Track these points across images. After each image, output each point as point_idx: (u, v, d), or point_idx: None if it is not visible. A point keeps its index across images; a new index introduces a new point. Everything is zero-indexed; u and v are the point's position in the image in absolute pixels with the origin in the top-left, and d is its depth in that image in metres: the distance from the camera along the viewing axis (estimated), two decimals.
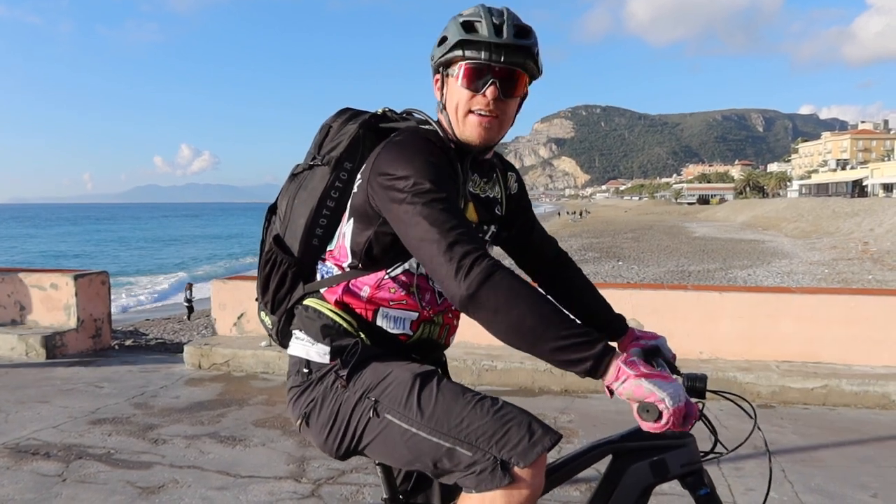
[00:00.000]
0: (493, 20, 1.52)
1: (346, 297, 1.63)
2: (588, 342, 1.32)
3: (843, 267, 27.44)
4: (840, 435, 4.23)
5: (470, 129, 1.57)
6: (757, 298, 5.41)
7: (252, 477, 3.54)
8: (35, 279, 6.68)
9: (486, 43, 1.51)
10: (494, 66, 1.52)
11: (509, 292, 1.33)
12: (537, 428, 1.44)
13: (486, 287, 1.33)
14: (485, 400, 1.49)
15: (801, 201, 73.67)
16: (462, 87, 1.55)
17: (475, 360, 5.37)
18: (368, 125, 1.70)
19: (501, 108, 1.57)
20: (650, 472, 1.61)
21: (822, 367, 5.09)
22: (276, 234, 1.72)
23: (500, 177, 1.81)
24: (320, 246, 1.70)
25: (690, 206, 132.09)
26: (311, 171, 1.70)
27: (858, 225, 43.42)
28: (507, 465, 1.41)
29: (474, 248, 1.37)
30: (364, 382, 1.56)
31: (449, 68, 1.58)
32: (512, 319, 1.33)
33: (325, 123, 1.75)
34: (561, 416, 4.58)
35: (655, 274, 26.40)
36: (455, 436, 1.45)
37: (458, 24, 1.54)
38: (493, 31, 1.50)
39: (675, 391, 1.32)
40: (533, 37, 1.55)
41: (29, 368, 5.88)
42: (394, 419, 1.51)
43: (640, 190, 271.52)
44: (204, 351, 5.90)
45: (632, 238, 47.90)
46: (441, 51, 1.57)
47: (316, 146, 1.72)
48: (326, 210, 1.67)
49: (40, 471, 3.61)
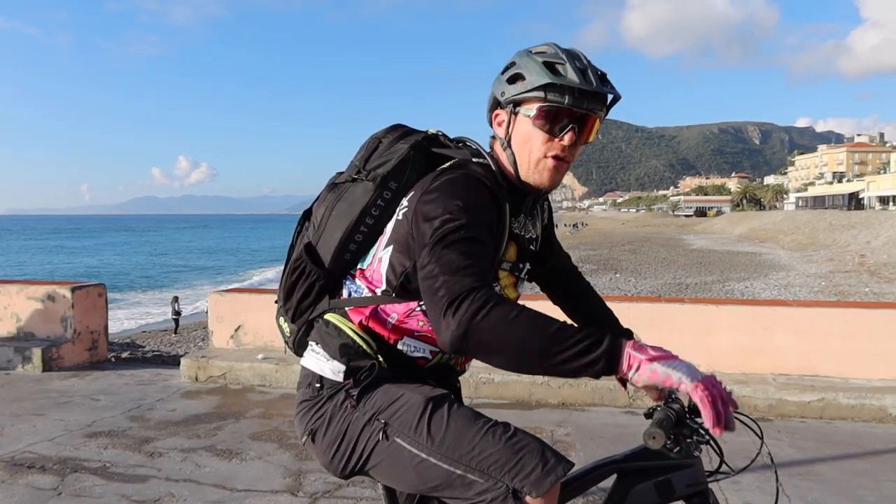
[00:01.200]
0: (576, 64, 1.47)
1: (372, 321, 1.60)
2: (594, 342, 1.27)
3: (840, 279, 27.47)
4: (837, 448, 4.23)
5: (541, 174, 1.54)
6: (754, 311, 5.41)
7: (248, 490, 3.53)
8: (32, 291, 6.67)
9: (572, 88, 1.46)
10: (575, 111, 1.48)
11: (503, 321, 1.27)
12: (550, 457, 1.41)
13: (476, 323, 1.27)
14: (497, 427, 1.46)
15: (798, 214, 73.85)
16: (538, 128, 1.50)
17: (472, 373, 5.36)
18: (420, 147, 1.65)
19: (572, 153, 1.54)
20: (655, 492, 1.59)
21: (819, 381, 5.09)
22: (308, 243, 1.68)
23: (539, 212, 1.77)
24: (352, 261, 1.66)
25: (687, 219, 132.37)
26: (354, 183, 1.65)
27: (855, 237, 43.51)
28: (518, 494, 1.38)
29: (470, 286, 1.31)
30: (375, 404, 1.53)
31: (521, 106, 1.52)
32: (512, 348, 1.28)
33: (374, 136, 1.70)
34: (558, 429, 4.57)
35: (653, 286, 26.41)
36: (467, 463, 1.42)
37: (540, 63, 1.48)
38: (580, 77, 1.46)
39: (689, 368, 1.29)
40: (611, 83, 1.53)
41: (25, 381, 5.85)
42: (404, 443, 1.48)
43: (637, 202, 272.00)
44: (200, 363, 5.88)
45: (629, 250, 47.95)
46: (517, 89, 1.51)
47: (362, 159, 1.67)
48: (364, 227, 1.62)
49: (35, 484, 3.59)
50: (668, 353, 1.30)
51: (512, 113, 1.54)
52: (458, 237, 1.38)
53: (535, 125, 1.50)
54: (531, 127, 1.51)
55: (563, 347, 1.26)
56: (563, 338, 1.27)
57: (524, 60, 1.52)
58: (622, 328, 1.89)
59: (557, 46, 1.52)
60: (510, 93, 1.52)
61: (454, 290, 1.30)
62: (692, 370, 1.29)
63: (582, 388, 5.12)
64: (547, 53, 1.51)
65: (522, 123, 1.53)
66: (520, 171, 1.56)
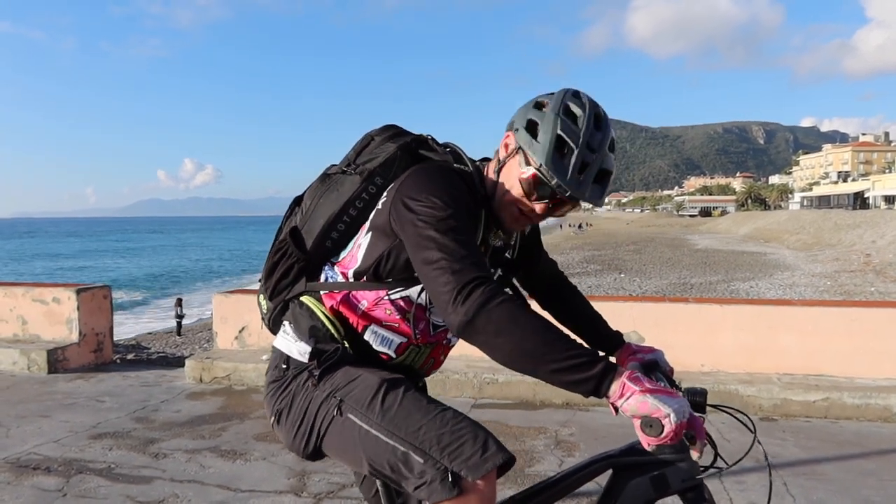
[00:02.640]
0: (584, 155, 1.48)
1: (343, 306, 1.66)
2: (589, 362, 1.33)
3: (846, 279, 27.38)
4: (842, 448, 4.22)
5: (507, 216, 1.61)
6: (758, 311, 5.40)
7: (253, 491, 3.54)
8: (37, 293, 6.70)
9: (564, 184, 1.49)
10: (558, 193, 1.53)
11: (508, 317, 1.34)
12: (492, 444, 1.45)
13: (484, 312, 1.34)
14: (446, 412, 1.51)
15: (803, 213, 73.66)
16: (521, 183, 1.54)
17: (476, 373, 5.37)
18: (408, 148, 1.71)
19: (539, 218, 1.61)
20: (650, 487, 1.60)
21: (823, 380, 5.07)
22: (294, 227, 1.75)
23: None
24: (332, 249, 1.72)
25: (692, 219, 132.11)
26: (343, 176, 1.71)
27: (860, 237, 43.36)
28: (457, 477, 1.42)
29: (476, 276, 1.38)
30: (334, 383, 1.60)
31: (524, 152, 1.54)
32: (512, 343, 1.35)
33: (368, 133, 1.78)
34: (562, 429, 4.57)
35: (657, 286, 26.36)
36: (410, 441, 1.47)
37: (554, 136, 1.48)
38: (576, 170, 1.49)
39: (680, 406, 1.33)
40: (608, 185, 1.55)
41: (31, 383, 5.88)
42: (355, 419, 1.53)
43: (641, 202, 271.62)
44: (205, 365, 5.90)
45: (634, 250, 47.87)
46: (525, 139, 1.52)
47: (355, 153, 1.75)
48: (347, 217, 1.68)
49: (41, 486, 3.60)
50: (664, 388, 1.36)
51: (516, 149, 1.57)
52: (450, 226, 1.44)
53: (520, 180, 1.55)
54: (519, 176, 1.56)
55: (559, 357, 1.33)
56: (561, 348, 1.34)
57: (549, 116, 1.51)
58: (610, 330, 1.96)
59: (590, 115, 1.51)
60: (521, 138, 1.54)
61: (462, 277, 1.38)
62: (682, 408, 1.34)
63: None
64: (572, 122, 1.50)
65: (515, 165, 1.57)
66: (496, 200, 1.62)
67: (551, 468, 3.86)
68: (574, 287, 2.06)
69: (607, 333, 1.95)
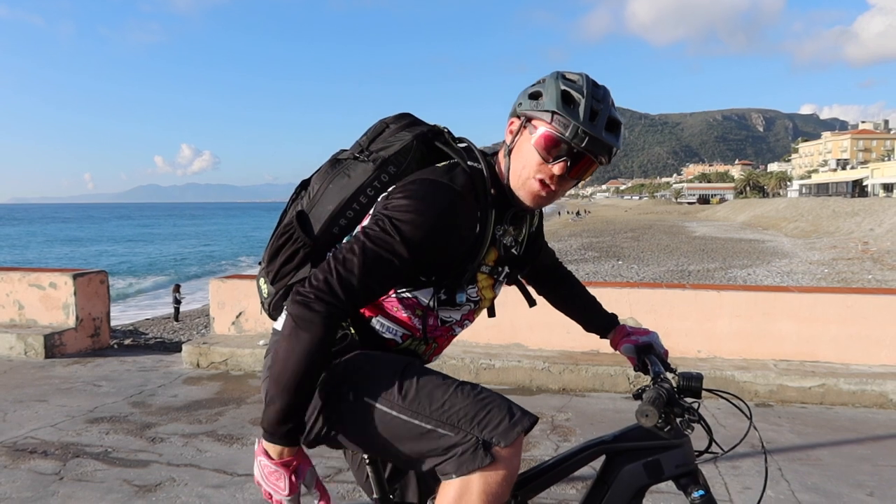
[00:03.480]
0: (592, 104, 1.50)
1: None
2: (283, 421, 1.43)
3: (843, 266, 27.43)
4: (837, 434, 4.23)
5: (526, 193, 1.58)
6: (755, 297, 5.40)
7: (249, 475, 3.54)
8: (34, 278, 6.69)
9: (576, 126, 1.49)
10: (573, 147, 1.51)
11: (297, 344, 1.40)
12: (516, 410, 1.48)
13: (296, 322, 1.41)
14: (465, 385, 1.52)
15: (801, 201, 73.63)
16: (536, 149, 1.54)
17: (473, 358, 5.38)
18: (423, 139, 1.69)
19: (561, 184, 1.57)
20: (644, 473, 1.60)
21: (819, 366, 5.09)
22: (301, 211, 1.71)
23: (528, 219, 1.79)
24: (339, 236, 1.69)
25: (691, 206, 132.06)
26: (355, 162, 1.68)
27: (858, 225, 43.40)
28: (488, 445, 1.44)
29: (338, 296, 1.42)
30: (346, 368, 1.58)
31: (531, 123, 1.55)
32: (278, 361, 1.43)
33: (383, 120, 1.74)
34: (559, 414, 4.58)
35: (655, 273, 26.39)
36: (437, 418, 1.47)
37: (559, 91, 1.51)
38: (587, 116, 1.49)
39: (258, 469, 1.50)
40: (621, 135, 1.56)
41: (28, 367, 5.88)
42: (375, 402, 1.52)
43: (640, 189, 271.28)
44: (202, 350, 5.90)
45: (632, 237, 47.89)
46: (530, 105, 1.55)
47: (368, 140, 1.71)
48: (357, 205, 1.65)
49: (38, 469, 3.61)
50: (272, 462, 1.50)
51: (522, 125, 1.58)
52: (380, 246, 1.46)
53: (534, 145, 1.54)
54: (531, 146, 1.54)
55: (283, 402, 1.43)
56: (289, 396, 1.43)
57: (549, 82, 1.55)
58: (605, 313, 2.01)
59: (587, 79, 1.55)
60: (525, 107, 1.56)
61: (325, 285, 1.43)
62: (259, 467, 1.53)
63: (582, 374, 5.13)
64: (572, 83, 1.53)
65: (525, 139, 1.56)
66: (511, 182, 1.60)
67: (547, 453, 3.87)
68: (569, 272, 2.08)
69: (602, 315, 1.98)
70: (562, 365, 5.19)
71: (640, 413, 1.39)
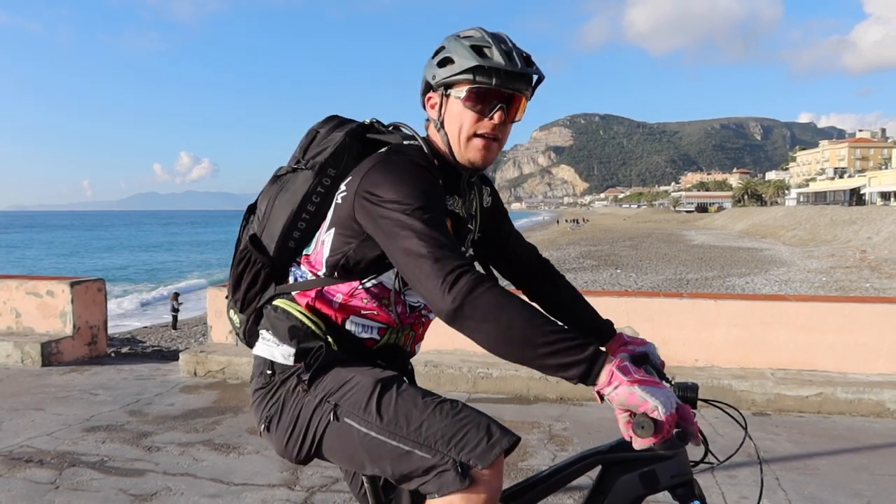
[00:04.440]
0: (502, 47, 1.54)
1: (318, 302, 1.65)
2: (578, 346, 1.33)
3: (841, 275, 27.46)
4: (834, 443, 4.23)
5: (473, 152, 1.60)
6: (752, 306, 5.41)
7: (245, 484, 3.53)
8: (31, 286, 6.68)
9: (499, 70, 1.52)
10: (504, 91, 1.55)
11: (495, 302, 1.35)
12: (496, 430, 1.46)
13: (472, 298, 1.35)
14: (444, 403, 1.51)
15: (799, 209, 73.77)
16: (469, 109, 1.57)
17: (471, 367, 5.37)
18: (355, 134, 1.71)
19: (502, 132, 1.61)
20: (640, 483, 1.60)
21: (817, 375, 5.09)
22: (253, 234, 1.73)
23: (477, 193, 1.83)
24: (296, 249, 1.71)
25: (689, 214, 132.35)
26: (295, 174, 1.70)
27: (856, 233, 43.48)
28: (466, 468, 1.43)
29: (460, 263, 1.39)
30: (325, 387, 1.58)
31: (452, 89, 1.59)
32: (500, 329, 1.35)
33: (312, 128, 1.76)
34: (556, 423, 4.57)
35: (653, 282, 26.40)
36: (414, 439, 1.46)
37: (468, 47, 1.55)
38: (505, 59, 1.53)
39: (668, 399, 1.33)
40: (535, 63, 1.60)
41: (24, 376, 5.86)
42: (353, 423, 1.52)
43: (638, 198, 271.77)
44: (199, 358, 5.89)
45: (630, 246, 47.92)
46: (447, 72, 1.57)
47: (301, 150, 1.73)
48: (306, 214, 1.68)
49: (33, 478, 3.60)
50: (653, 380, 1.35)
51: (443, 95, 1.61)
52: (423, 215, 1.44)
53: (465, 106, 1.57)
54: (462, 108, 1.57)
55: (546, 342, 1.33)
56: (549, 332, 1.34)
57: (453, 45, 1.58)
58: (601, 320, 1.94)
59: (484, 30, 1.59)
60: (441, 76, 1.59)
61: (446, 265, 1.38)
62: (669, 400, 1.33)
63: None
64: (474, 38, 1.58)
65: (453, 105, 1.59)
66: (453, 151, 1.63)
67: (544, 462, 3.86)
68: (561, 275, 2.02)
69: (598, 323, 1.92)
70: None
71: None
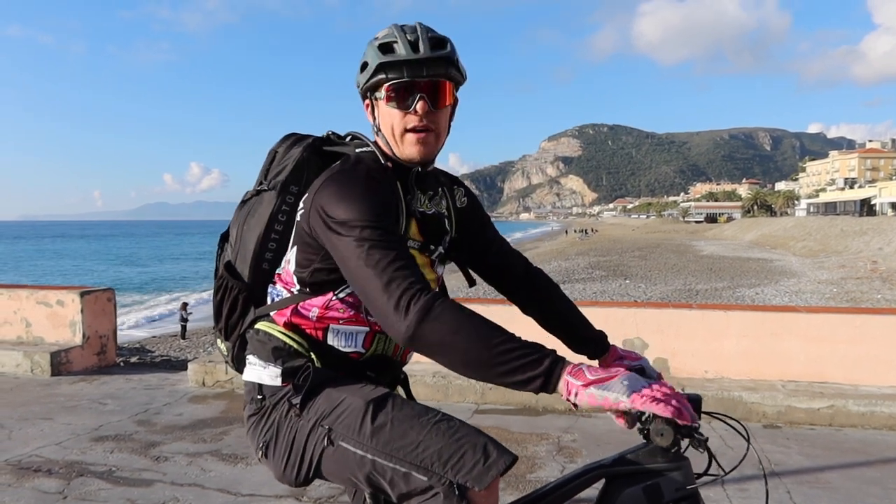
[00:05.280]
0: (407, 38, 1.55)
1: (295, 318, 1.64)
2: (535, 360, 1.31)
3: (852, 286, 27.27)
4: (846, 456, 4.18)
5: (409, 148, 1.60)
6: (762, 317, 5.37)
7: (253, 495, 3.53)
8: (41, 296, 6.71)
9: (406, 61, 1.53)
10: (419, 81, 1.55)
11: (450, 326, 1.33)
12: (492, 450, 1.44)
13: (426, 323, 1.33)
14: (440, 423, 1.49)
15: (809, 220, 73.43)
16: (392, 107, 1.58)
17: None
18: (312, 148, 1.73)
19: (434, 120, 1.59)
20: (644, 496, 1.58)
21: (828, 387, 5.04)
22: (228, 261, 1.75)
23: (446, 192, 1.80)
24: (270, 270, 1.72)
25: (698, 225, 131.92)
26: (259, 196, 1.73)
27: (867, 244, 43.19)
28: (463, 489, 1.41)
29: (412, 284, 1.37)
30: (318, 410, 1.57)
31: (376, 92, 1.60)
32: (457, 352, 1.34)
33: (270, 150, 1.78)
34: (565, 435, 4.55)
35: (663, 292, 26.29)
36: (410, 460, 1.45)
37: (375, 48, 1.57)
38: (409, 49, 1.53)
39: (626, 384, 1.30)
40: (449, 46, 1.59)
41: (34, 385, 5.89)
42: (349, 447, 1.51)
43: (647, 208, 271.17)
44: (208, 368, 5.90)
45: (639, 256, 47.79)
46: (364, 77, 1.59)
47: (263, 172, 1.76)
48: (275, 234, 1.70)
49: (41, 488, 3.60)
50: (605, 376, 1.31)
51: (372, 100, 1.63)
52: (375, 236, 1.43)
53: (388, 105, 1.58)
54: (386, 108, 1.59)
55: (503, 360, 1.31)
56: (505, 350, 1.32)
57: (367, 49, 1.61)
58: (594, 332, 1.88)
59: (395, 26, 1.60)
60: (362, 81, 1.62)
61: (398, 288, 1.37)
62: (630, 384, 1.30)
63: None
64: (382, 37, 1.59)
65: (380, 107, 1.61)
66: (394, 150, 1.63)
67: (553, 474, 3.84)
68: (555, 285, 1.95)
69: (591, 336, 1.86)
70: None
71: (656, 433, 1.39)
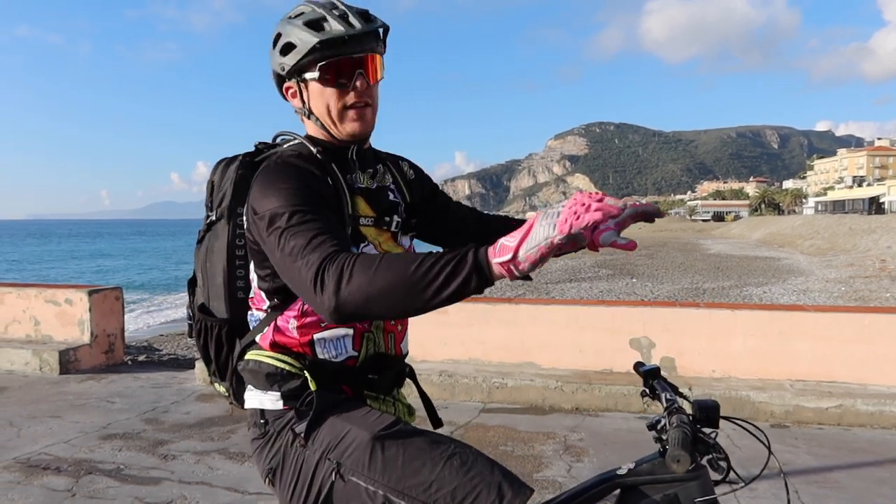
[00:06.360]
0: (335, 13, 1.51)
1: (277, 336, 1.61)
2: (458, 262, 1.20)
3: (861, 285, 27.11)
4: (855, 456, 4.17)
5: (349, 125, 1.58)
6: (770, 316, 5.35)
7: (260, 493, 3.54)
8: (50, 294, 6.75)
9: (342, 38, 1.50)
10: (356, 57, 1.53)
11: (366, 277, 1.24)
12: (507, 490, 1.40)
13: (343, 288, 1.24)
14: (453, 458, 1.44)
15: (817, 218, 73.07)
16: (328, 87, 1.55)
17: (485, 377, 5.35)
18: (245, 165, 1.69)
19: (370, 95, 1.58)
20: None
21: (836, 387, 5.02)
22: (201, 303, 1.73)
23: (389, 165, 1.77)
24: (244, 297, 1.69)
25: (705, 223, 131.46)
26: (213, 230, 1.70)
27: (875, 242, 42.94)
28: None
29: (323, 258, 1.30)
30: (323, 441, 1.52)
31: (305, 73, 1.56)
32: (384, 298, 1.23)
33: (207, 181, 1.75)
34: (571, 434, 4.54)
35: (670, 291, 26.19)
36: (424, 500, 1.42)
37: (303, 26, 1.52)
38: (344, 25, 1.50)
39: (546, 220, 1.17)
40: (377, 17, 1.57)
41: (42, 383, 5.92)
42: (360, 482, 1.47)
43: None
44: None
45: (646, 255, 47.63)
46: (293, 58, 1.54)
47: (207, 205, 1.73)
48: (238, 260, 1.67)
49: (50, 486, 3.62)
50: (524, 230, 1.19)
51: (300, 82, 1.59)
52: (294, 222, 1.38)
53: (324, 84, 1.55)
54: (321, 87, 1.56)
55: (431, 278, 1.20)
56: (427, 269, 1.21)
57: (288, 28, 1.55)
58: None
59: (312, 3, 1.56)
60: (289, 64, 1.56)
61: (311, 267, 1.29)
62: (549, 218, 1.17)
63: (595, 393, 5.09)
64: (306, 14, 1.54)
65: (313, 87, 1.57)
66: (331, 131, 1.60)
67: (559, 473, 3.83)
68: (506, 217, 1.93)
69: None
70: (575, 384, 5.15)
71: (672, 459, 1.36)
